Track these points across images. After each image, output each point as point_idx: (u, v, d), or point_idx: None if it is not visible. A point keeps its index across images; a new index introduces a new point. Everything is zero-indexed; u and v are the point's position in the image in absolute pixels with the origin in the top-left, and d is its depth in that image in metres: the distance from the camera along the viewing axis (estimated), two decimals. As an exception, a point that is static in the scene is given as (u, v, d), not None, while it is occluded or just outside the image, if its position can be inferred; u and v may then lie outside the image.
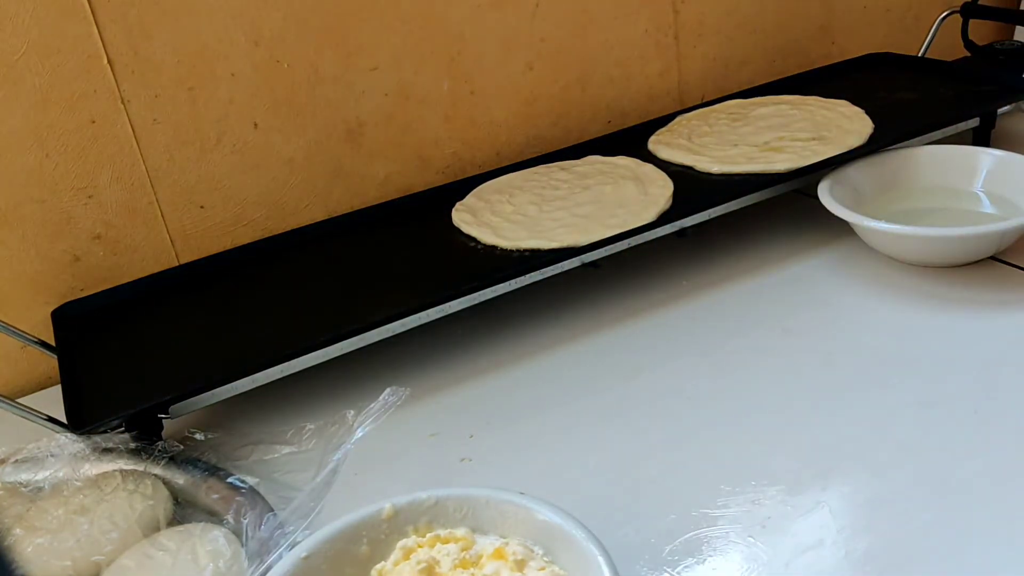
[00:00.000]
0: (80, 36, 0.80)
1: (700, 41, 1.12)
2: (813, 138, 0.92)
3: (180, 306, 0.84)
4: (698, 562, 0.54)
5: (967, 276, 0.78)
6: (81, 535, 0.59)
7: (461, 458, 0.67)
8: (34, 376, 0.86)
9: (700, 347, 0.75)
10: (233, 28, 0.87)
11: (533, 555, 0.50)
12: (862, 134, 0.91)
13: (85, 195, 0.85)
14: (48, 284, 0.85)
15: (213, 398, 0.69)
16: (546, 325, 0.81)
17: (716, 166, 0.90)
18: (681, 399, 0.69)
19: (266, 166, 0.92)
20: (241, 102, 0.89)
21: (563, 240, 0.80)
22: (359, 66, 0.94)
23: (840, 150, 0.88)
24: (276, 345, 0.72)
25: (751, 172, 0.88)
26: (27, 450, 0.65)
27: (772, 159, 0.89)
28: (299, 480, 0.63)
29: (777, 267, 0.84)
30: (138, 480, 0.64)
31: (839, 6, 1.19)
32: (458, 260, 0.83)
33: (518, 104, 1.04)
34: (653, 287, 0.84)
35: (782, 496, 0.58)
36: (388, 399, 0.62)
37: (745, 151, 0.92)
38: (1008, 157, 0.85)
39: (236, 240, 0.92)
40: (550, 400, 0.72)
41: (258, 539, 0.56)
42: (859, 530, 0.55)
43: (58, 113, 0.81)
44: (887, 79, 1.07)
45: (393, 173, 0.99)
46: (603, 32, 1.06)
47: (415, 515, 0.53)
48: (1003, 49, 1.15)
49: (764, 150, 0.91)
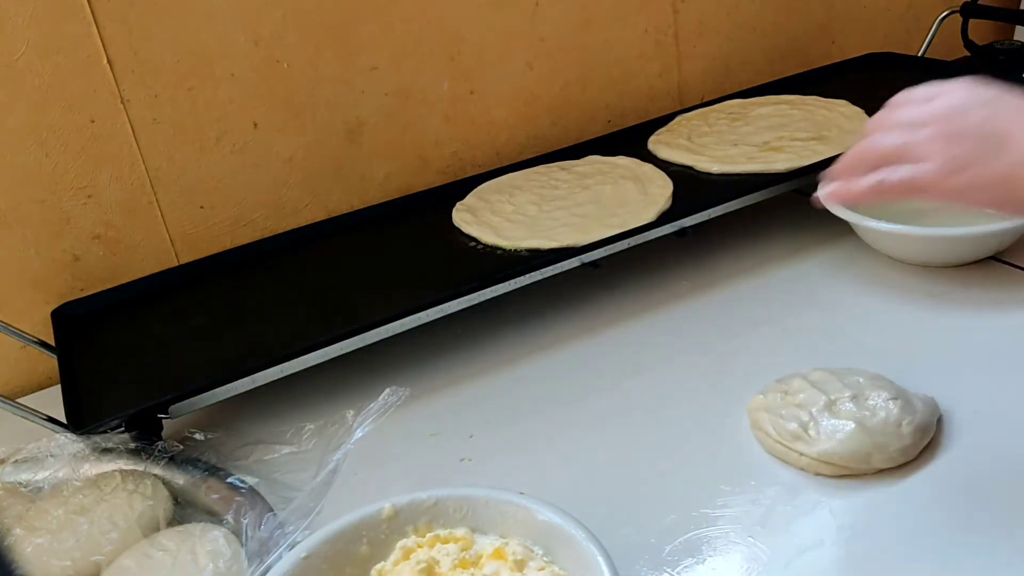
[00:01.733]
0: (80, 36, 0.80)
1: (700, 41, 1.12)
2: (813, 138, 0.92)
3: (180, 306, 0.84)
4: (698, 562, 0.54)
5: (967, 276, 0.78)
6: (81, 535, 0.59)
7: (461, 458, 0.67)
8: (34, 376, 0.86)
9: (700, 347, 0.75)
10: (233, 28, 0.87)
11: (533, 555, 0.50)
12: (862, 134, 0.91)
13: (85, 195, 0.84)
14: (48, 284, 0.85)
15: (213, 398, 0.69)
16: (546, 325, 0.81)
17: (716, 166, 0.90)
18: (681, 399, 0.69)
19: (266, 166, 0.92)
20: (241, 102, 0.89)
21: (563, 240, 0.80)
22: (359, 66, 0.94)
23: (840, 150, 0.88)
24: (276, 345, 0.72)
25: (751, 172, 0.88)
26: (27, 450, 0.65)
27: (772, 159, 0.89)
28: (299, 480, 0.63)
29: (777, 267, 0.84)
30: (138, 480, 0.64)
31: (839, 6, 1.19)
32: (458, 260, 0.83)
33: (518, 104, 1.04)
34: (653, 287, 0.84)
35: (782, 496, 0.58)
36: (388, 399, 0.62)
37: (745, 151, 0.92)
38: (1008, 157, 0.85)
39: (236, 240, 0.92)
40: (550, 400, 0.72)
41: (258, 539, 0.56)
42: (859, 530, 0.55)
43: (58, 113, 0.81)
44: (887, 79, 1.07)
45: (393, 173, 0.99)
46: (603, 32, 1.06)
47: (415, 515, 0.53)
48: (1003, 49, 1.15)
49: (764, 150, 0.91)
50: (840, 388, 0.62)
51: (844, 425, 0.59)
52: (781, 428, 0.61)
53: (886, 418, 0.59)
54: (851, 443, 0.58)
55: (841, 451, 0.58)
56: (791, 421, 0.60)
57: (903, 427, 0.58)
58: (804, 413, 0.61)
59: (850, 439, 0.58)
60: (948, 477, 0.58)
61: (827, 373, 0.64)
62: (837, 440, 0.58)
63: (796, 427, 0.60)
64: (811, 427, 0.60)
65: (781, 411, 0.62)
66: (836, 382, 0.62)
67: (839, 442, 0.58)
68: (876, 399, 0.60)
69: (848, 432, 0.58)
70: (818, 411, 0.60)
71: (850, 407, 0.60)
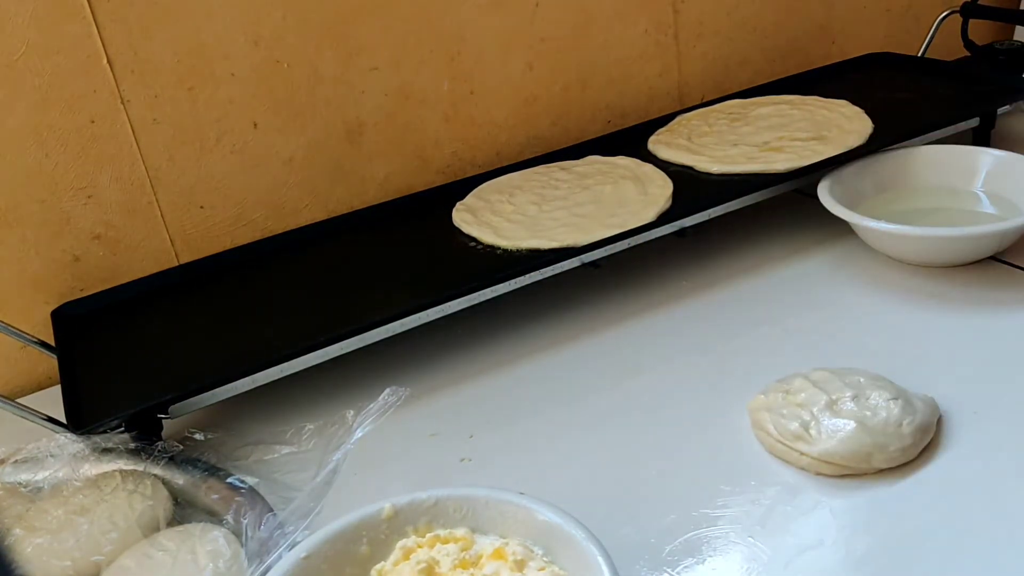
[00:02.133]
0: (80, 36, 0.80)
1: (700, 41, 1.12)
2: (813, 138, 0.92)
3: (180, 306, 0.84)
4: (698, 562, 0.54)
5: (967, 276, 0.78)
6: (81, 535, 0.59)
7: (461, 458, 0.67)
8: (34, 376, 0.86)
9: (700, 347, 0.75)
10: (233, 28, 0.87)
11: (533, 555, 0.50)
12: (862, 134, 0.91)
13: (85, 195, 0.85)
14: (48, 284, 0.85)
15: (213, 398, 0.69)
16: (546, 325, 0.81)
17: (716, 166, 0.90)
18: (681, 399, 0.69)
19: (266, 166, 0.92)
20: (241, 102, 0.89)
21: (563, 240, 0.80)
22: (359, 66, 0.94)
23: (840, 150, 0.88)
24: (276, 345, 0.72)
25: (751, 172, 0.88)
26: (27, 450, 0.65)
27: (772, 159, 0.89)
28: (299, 480, 0.63)
29: (777, 267, 0.84)
30: (138, 480, 0.64)
31: (839, 6, 1.19)
32: (458, 260, 0.83)
33: (518, 104, 1.04)
34: (653, 287, 0.84)
35: (782, 496, 0.58)
36: (388, 399, 0.62)
37: (745, 151, 0.92)
38: (1008, 157, 0.85)
39: (236, 240, 0.92)
40: (550, 400, 0.72)
41: (258, 539, 0.56)
42: (859, 530, 0.55)
43: (58, 113, 0.81)
44: (887, 79, 1.07)
45: (393, 173, 0.99)
46: (603, 32, 1.06)
47: (415, 515, 0.53)
48: (1003, 49, 1.15)
49: (764, 150, 0.91)
50: (841, 388, 0.62)
51: (845, 424, 0.59)
52: (782, 427, 0.61)
53: (887, 418, 0.59)
54: (852, 442, 0.58)
55: (842, 450, 0.58)
56: (792, 420, 0.60)
57: (904, 427, 0.58)
58: (805, 412, 0.61)
59: (851, 438, 0.58)
60: (948, 477, 0.58)
61: (828, 373, 0.64)
62: (838, 439, 0.58)
63: (797, 426, 0.60)
64: (812, 426, 0.60)
65: (782, 410, 0.62)
66: (837, 381, 0.62)
67: (840, 441, 0.58)
68: (877, 399, 0.60)
69: (849, 431, 0.58)
70: (819, 410, 0.60)
71: (851, 407, 0.60)
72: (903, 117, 0.95)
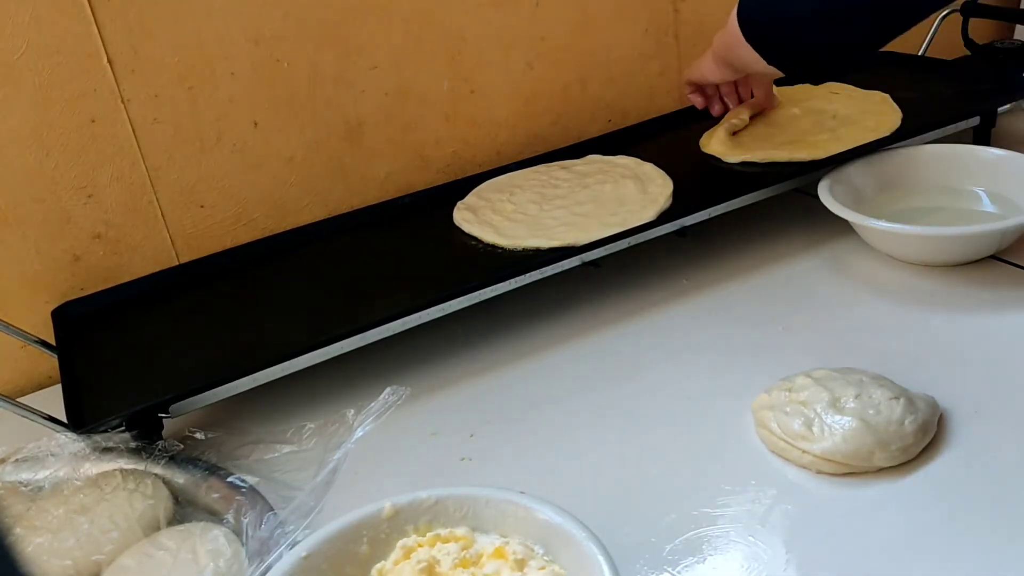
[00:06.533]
0: (80, 36, 0.80)
1: (700, 41, 1.11)
2: (813, 137, 0.92)
3: (180, 306, 0.84)
4: (698, 561, 0.54)
5: (967, 276, 0.78)
6: (81, 534, 0.59)
7: (461, 457, 0.67)
8: (34, 376, 0.86)
9: (700, 346, 0.75)
10: (233, 27, 0.87)
11: (533, 554, 0.50)
12: (879, 130, 0.91)
13: (85, 195, 0.84)
14: (48, 284, 0.85)
15: (213, 397, 0.69)
16: (546, 325, 0.81)
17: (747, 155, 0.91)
18: (681, 398, 0.69)
19: (266, 165, 0.92)
20: (241, 101, 0.89)
21: (563, 239, 0.80)
22: (359, 65, 0.94)
23: (843, 148, 0.88)
24: (276, 344, 0.72)
25: (763, 161, 0.89)
26: (27, 449, 0.65)
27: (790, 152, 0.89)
28: (299, 479, 0.63)
29: (777, 266, 0.84)
30: (138, 479, 0.64)
31: (839, 5, 1.19)
32: (458, 259, 0.83)
33: (518, 103, 1.04)
34: (653, 286, 0.84)
35: (783, 495, 0.58)
36: (388, 398, 0.62)
37: (773, 143, 0.93)
38: (1008, 156, 0.85)
39: (236, 240, 0.92)
40: (550, 399, 0.72)
41: (258, 538, 0.56)
42: (860, 529, 0.55)
43: (58, 113, 0.81)
44: (887, 78, 1.07)
45: (393, 172, 0.99)
46: (603, 32, 1.06)
47: (415, 514, 0.53)
48: (1003, 48, 1.15)
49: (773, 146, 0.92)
50: (843, 386, 0.62)
51: (848, 422, 0.59)
52: (786, 425, 0.61)
53: (889, 416, 0.59)
54: (854, 440, 0.58)
55: (844, 448, 0.58)
56: (796, 418, 0.60)
57: (906, 425, 0.58)
58: (809, 411, 0.61)
59: (853, 436, 0.58)
60: (948, 476, 0.58)
61: (830, 372, 0.64)
62: (840, 437, 0.58)
63: (800, 424, 0.60)
64: (815, 424, 0.60)
65: (786, 408, 0.61)
66: (839, 380, 0.62)
67: (842, 439, 0.58)
68: (879, 397, 0.60)
69: (851, 429, 0.58)
70: (822, 408, 0.60)
71: (853, 405, 0.60)
72: (904, 116, 0.95)
